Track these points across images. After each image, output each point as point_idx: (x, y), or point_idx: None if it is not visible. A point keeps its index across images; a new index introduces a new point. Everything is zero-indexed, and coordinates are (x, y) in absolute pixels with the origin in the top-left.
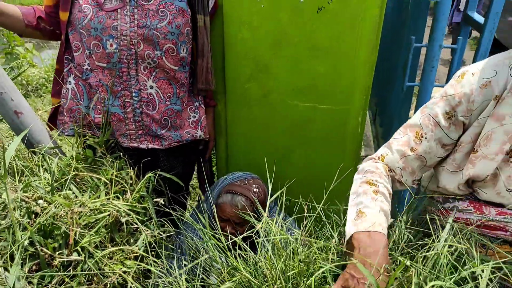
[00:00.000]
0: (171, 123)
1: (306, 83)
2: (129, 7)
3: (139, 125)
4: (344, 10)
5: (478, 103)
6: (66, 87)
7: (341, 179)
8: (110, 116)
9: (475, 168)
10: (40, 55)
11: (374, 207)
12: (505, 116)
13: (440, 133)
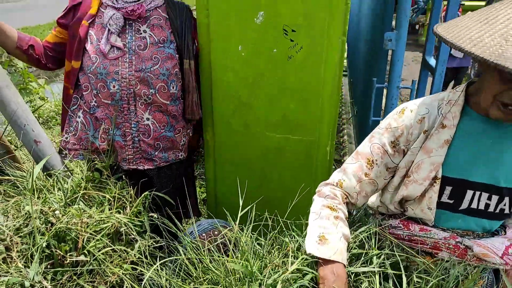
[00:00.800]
0: (163, 146)
1: (280, 117)
2: (128, 55)
3: (137, 150)
4: (309, 58)
5: (415, 135)
6: (76, 120)
7: (302, 198)
8: (113, 143)
9: (408, 189)
10: (51, 88)
11: (336, 234)
12: (432, 149)
13: (387, 159)
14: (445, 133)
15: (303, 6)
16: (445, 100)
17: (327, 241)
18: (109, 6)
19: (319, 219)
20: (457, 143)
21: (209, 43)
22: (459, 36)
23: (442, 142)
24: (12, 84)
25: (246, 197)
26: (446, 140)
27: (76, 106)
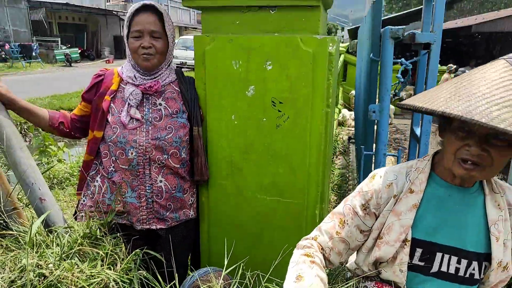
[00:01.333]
0: (174, 206)
1: (270, 181)
2: (145, 126)
3: (150, 211)
4: (296, 127)
5: (384, 199)
6: (94, 184)
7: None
8: (128, 205)
9: (380, 251)
10: (69, 152)
11: (311, 273)
12: (401, 212)
13: (358, 221)
14: (413, 197)
15: (288, 82)
16: (413, 168)
17: (303, 278)
18: (129, 83)
19: (296, 265)
20: (425, 207)
21: (205, 112)
22: (414, 100)
23: (410, 206)
24: (26, 147)
25: (238, 257)
26: (414, 204)
27: (95, 171)
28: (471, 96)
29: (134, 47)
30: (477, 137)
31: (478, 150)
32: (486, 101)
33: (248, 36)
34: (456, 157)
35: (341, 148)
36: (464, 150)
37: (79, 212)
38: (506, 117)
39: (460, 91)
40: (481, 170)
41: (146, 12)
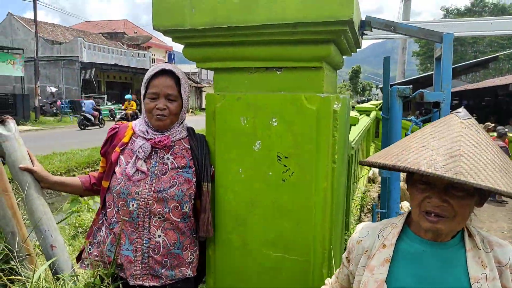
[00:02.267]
0: (170, 263)
1: (275, 236)
2: (149, 178)
3: (145, 266)
4: (301, 182)
5: (355, 254)
6: (100, 234)
7: None
8: (124, 258)
9: None
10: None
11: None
12: (374, 267)
13: (346, 270)
14: (385, 252)
15: (293, 138)
16: (389, 224)
17: None
18: (140, 137)
19: None
20: (399, 264)
21: (214, 166)
22: (373, 156)
23: (383, 260)
24: (43, 196)
25: None
26: (386, 259)
27: (101, 221)
28: (420, 149)
29: (149, 107)
30: (437, 188)
31: (438, 201)
32: (433, 152)
33: (255, 94)
34: (421, 210)
35: (370, 206)
36: (426, 202)
37: (84, 259)
38: (451, 166)
39: (411, 144)
40: (446, 222)
41: (164, 75)
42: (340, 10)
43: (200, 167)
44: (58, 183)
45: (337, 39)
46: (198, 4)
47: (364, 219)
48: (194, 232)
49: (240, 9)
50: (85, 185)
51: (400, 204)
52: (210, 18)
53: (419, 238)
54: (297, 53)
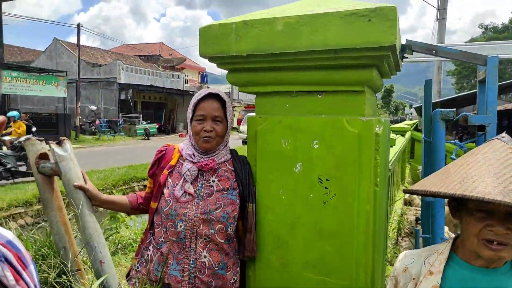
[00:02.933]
0: (215, 284)
1: (316, 258)
2: (196, 200)
3: (192, 286)
4: (342, 205)
5: (402, 283)
6: (147, 253)
7: None
8: (171, 277)
9: None
10: (136, 219)
11: None
12: None
13: None
14: (432, 279)
15: (334, 161)
16: (434, 250)
17: None
18: (187, 160)
19: None
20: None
21: (255, 187)
22: (425, 185)
23: (430, 287)
24: (94, 214)
25: None
26: (434, 286)
27: (149, 240)
28: (483, 177)
29: (197, 130)
30: (497, 216)
31: (502, 229)
32: (500, 180)
33: (297, 117)
34: (480, 239)
35: (407, 230)
36: (487, 230)
37: (131, 277)
38: None
39: (471, 172)
40: (509, 249)
41: (210, 99)
42: (383, 36)
43: (244, 189)
44: (107, 201)
45: (379, 63)
46: (243, 32)
47: (401, 243)
48: (237, 252)
49: (283, 37)
50: (132, 205)
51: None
52: (254, 45)
53: (469, 264)
54: (339, 77)
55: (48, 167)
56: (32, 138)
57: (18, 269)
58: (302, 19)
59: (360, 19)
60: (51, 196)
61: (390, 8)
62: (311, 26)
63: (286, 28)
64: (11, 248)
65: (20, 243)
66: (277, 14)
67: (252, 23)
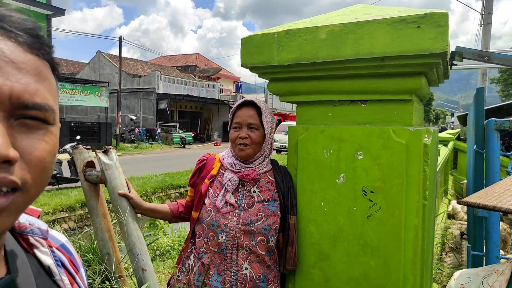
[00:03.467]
0: None
1: (360, 274)
2: (237, 211)
3: None
4: (388, 218)
5: None
6: (188, 262)
7: None
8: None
9: None
10: (173, 226)
11: None
12: None
13: None
14: None
15: (380, 172)
16: (494, 270)
17: None
18: (229, 170)
19: None
20: None
21: (295, 197)
22: (471, 197)
23: None
24: (137, 222)
25: None
26: None
27: (190, 249)
28: None
29: (233, 137)
30: None
31: None
32: None
33: (339, 127)
34: None
35: (452, 244)
36: None
37: (172, 285)
38: None
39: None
40: None
41: (246, 107)
42: (434, 43)
43: (285, 200)
44: (150, 209)
45: (428, 71)
46: (285, 42)
47: (445, 259)
48: (277, 265)
49: (326, 46)
50: (173, 213)
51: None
52: (296, 54)
53: None
54: (385, 86)
55: (95, 175)
56: (80, 147)
57: (71, 272)
58: (346, 27)
59: (409, 25)
60: (96, 203)
61: (441, 14)
62: (356, 34)
63: (329, 37)
64: (64, 252)
65: (72, 247)
66: (320, 23)
67: (294, 32)
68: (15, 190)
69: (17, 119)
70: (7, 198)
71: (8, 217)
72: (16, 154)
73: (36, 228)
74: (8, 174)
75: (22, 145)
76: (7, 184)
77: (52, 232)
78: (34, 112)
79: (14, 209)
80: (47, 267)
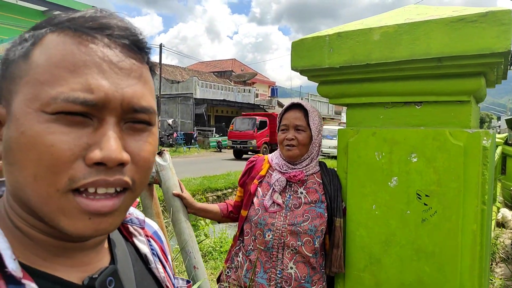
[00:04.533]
0: None
1: (414, 280)
2: (284, 211)
3: None
4: (444, 223)
5: None
6: (237, 259)
7: None
8: (258, 286)
9: None
10: (214, 227)
11: None
12: None
13: None
14: None
15: (435, 175)
16: None
17: None
18: (276, 170)
19: None
20: None
21: (345, 200)
22: None
23: None
24: (189, 220)
25: None
26: None
27: (238, 247)
28: None
29: (280, 139)
30: None
31: None
32: None
33: (392, 129)
34: None
35: (503, 254)
36: None
37: (222, 282)
38: None
39: None
40: None
41: (293, 109)
42: (496, 41)
43: (332, 203)
44: (201, 209)
45: (488, 71)
46: (337, 44)
47: (496, 269)
48: (323, 267)
49: (380, 47)
50: (223, 213)
51: None
52: (348, 56)
53: None
54: (442, 87)
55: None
56: None
57: (162, 260)
58: (401, 28)
59: (469, 25)
60: (150, 202)
61: (504, 12)
62: (411, 35)
63: (383, 38)
64: (157, 240)
65: (163, 235)
66: (372, 25)
67: (346, 34)
68: (125, 190)
69: (125, 123)
70: (119, 198)
71: (119, 216)
72: (128, 157)
73: (134, 218)
74: (122, 176)
75: (131, 148)
76: (121, 184)
77: (147, 219)
78: (141, 115)
79: (124, 207)
80: (144, 255)
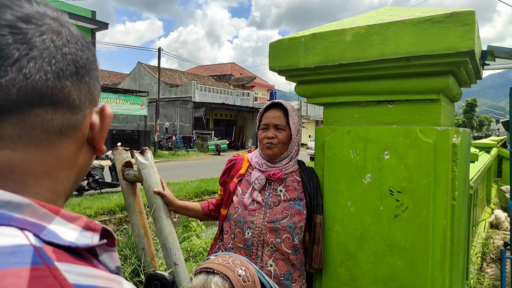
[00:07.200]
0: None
1: (387, 274)
2: (264, 209)
3: None
4: (416, 219)
5: None
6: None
7: None
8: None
9: None
10: (206, 230)
11: None
12: None
13: None
14: None
15: (407, 172)
16: None
17: None
18: (256, 169)
19: None
20: None
21: (322, 197)
22: None
23: None
24: (170, 218)
25: None
26: None
27: (218, 246)
28: None
29: (261, 138)
30: None
31: None
32: None
33: (366, 127)
34: None
35: (494, 255)
36: None
37: None
38: None
39: None
40: None
41: (274, 108)
42: (461, 41)
43: (312, 200)
44: (182, 207)
45: (455, 70)
46: (312, 45)
47: (487, 269)
48: (303, 264)
49: (352, 47)
50: (204, 211)
51: None
52: (322, 57)
53: None
54: (412, 86)
55: (132, 174)
56: (119, 148)
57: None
58: (372, 28)
59: (435, 25)
60: (133, 200)
61: (467, 12)
62: (381, 35)
63: (355, 39)
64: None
65: None
66: (346, 26)
67: (320, 35)
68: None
69: None
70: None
71: None
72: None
73: None
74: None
75: None
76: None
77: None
78: None
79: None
80: None
